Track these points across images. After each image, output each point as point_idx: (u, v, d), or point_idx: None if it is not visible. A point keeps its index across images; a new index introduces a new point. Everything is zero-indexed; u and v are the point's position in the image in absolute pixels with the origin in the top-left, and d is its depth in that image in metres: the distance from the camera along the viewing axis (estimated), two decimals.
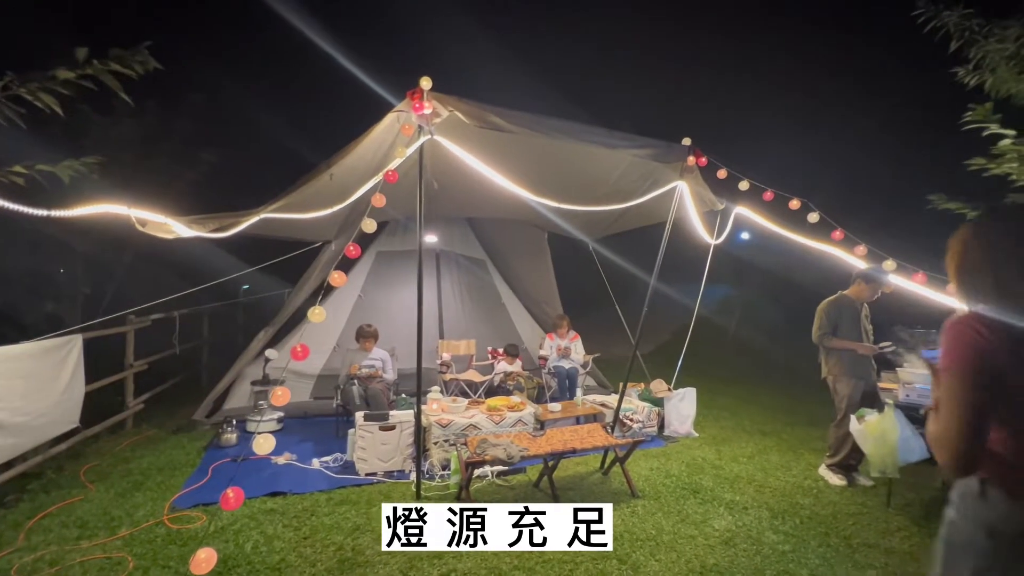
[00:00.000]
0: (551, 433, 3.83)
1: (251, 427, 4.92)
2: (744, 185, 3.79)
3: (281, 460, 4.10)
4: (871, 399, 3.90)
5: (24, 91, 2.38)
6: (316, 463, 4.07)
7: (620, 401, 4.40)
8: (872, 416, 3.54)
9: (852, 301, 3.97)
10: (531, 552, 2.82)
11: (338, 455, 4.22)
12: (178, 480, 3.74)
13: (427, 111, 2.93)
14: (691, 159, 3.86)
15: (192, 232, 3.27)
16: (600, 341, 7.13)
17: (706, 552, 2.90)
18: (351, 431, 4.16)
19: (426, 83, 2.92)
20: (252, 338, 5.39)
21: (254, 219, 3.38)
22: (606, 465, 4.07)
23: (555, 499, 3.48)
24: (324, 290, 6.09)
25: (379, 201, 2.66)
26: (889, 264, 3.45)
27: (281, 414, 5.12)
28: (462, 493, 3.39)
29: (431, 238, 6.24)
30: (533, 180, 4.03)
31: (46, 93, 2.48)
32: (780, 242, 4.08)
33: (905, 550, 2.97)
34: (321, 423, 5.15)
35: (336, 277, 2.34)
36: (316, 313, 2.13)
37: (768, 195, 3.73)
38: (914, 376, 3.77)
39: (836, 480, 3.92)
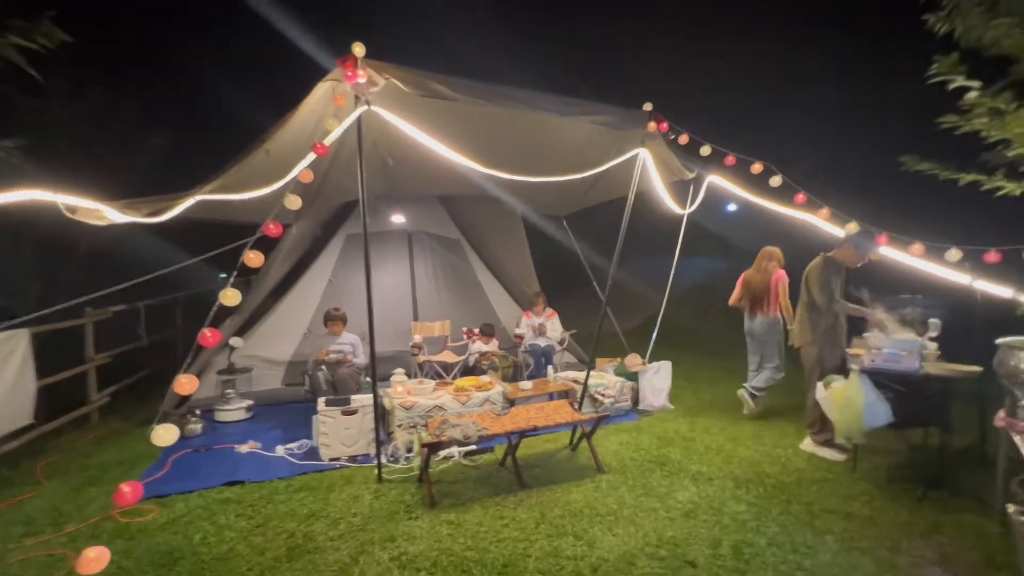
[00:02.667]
0: (515, 411, 3.77)
1: (219, 416, 4.86)
2: (706, 150, 3.65)
3: (244, 449, 4.05)
4: (843, 366, 3.84)
5: None
6: (280, 450, 4.00)
7: (587, 377, 4.34)
8: (839, 382, 3.49)
9: (838, 265, 3.86)
10: (485, 532, 2.79)
11: (304, 441, 4.16)
12: (137, 473, 3.67)
13: (361, 80, 2.76)
14: (652, 125, 3.70)
15: (126, 217, 3.12)
16: (583, 317, 7.06)
17: (665, 524, 2.87)
18: (315, 416, 4.09)
19: (359, 49, 2.75)
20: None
21: (190, 201, 3.23)
22: (574, 441, 4.03)
23: (518, 477, 3.43)
24: (292, 275, 5.99)
25: (306, 177, 2.51)
26: (852, 226, 3.35)
27: (250, 402, 5.06)
28: (422, 475, 3.34)
29: (399, 218, 6.09)
30: (491, 153, 3.86)
31: None
32: (763, 212, 3.96)
33: (866, 514, 2.95)
34: (291, 410, 5.08)
35: (252, 257, 2.22)
36: (228, 295, 2.01)
37: (730, 159, 3.60)
38: (882, 341, 3.71)
39: (838, 455, 3.74)
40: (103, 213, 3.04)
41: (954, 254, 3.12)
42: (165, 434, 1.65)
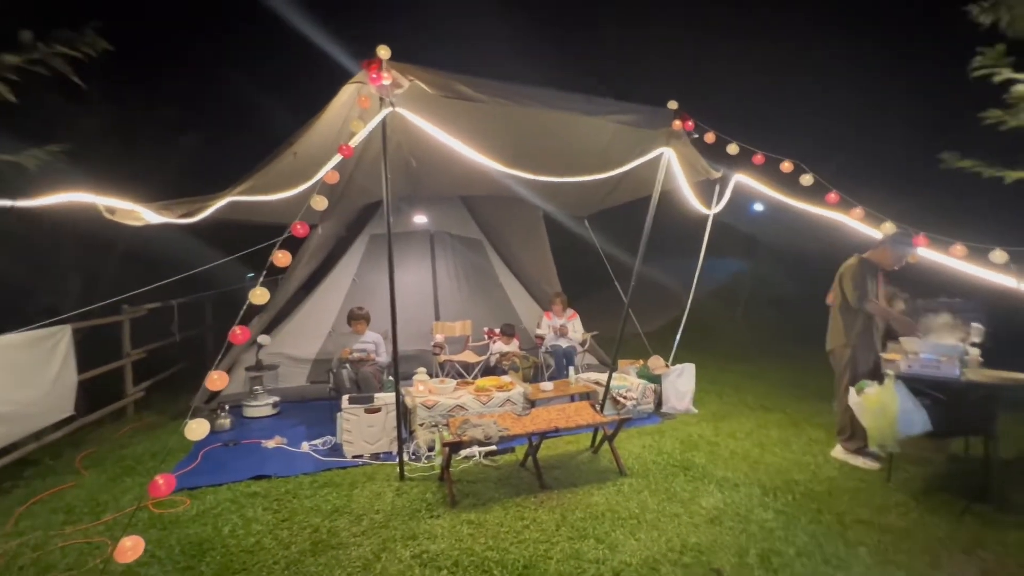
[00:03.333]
0: (536, 412, 3.76)
1: (247, 412, 4.99)
2: (733, 149, 3.57)
3: (271, 444, 4.14)
4: (876, 370, 3.70)
5: None
6: (305, 446, 4.08)
7: (609, 379, 4.29)
8: (872, 388, 3.37)
9: (874, 266, 3.73)
10: (506, 532, 2.78)
11: (328, 438, 4.23)
12: (170, 465, 3.79)
13: (386, 82, 2.79)
14: (677, 123, 3.64)
15: (161, 218, 3.24)
16: (605, 319, 6.99)
17: (689, 530, 2.81)
18: (339, 414, 4.16)
19: (384, 52, 2.79)
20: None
21: (221, 203, 3.32)
22: (595, 444, 3.99)
23: (539, 478, 3.42)
24: (317, 274, 6.11)
25: (332, 178, 2.56)
26: (887, 227, 3.22)
27: (277, 399, 5.17)
28: (443, 474, 3.36)
29: (421, 218, 6.15)
30: (515, 153, 3.86)
31: None
32: (791, 212, 3.85)
33: (901, 527, 2.83)
34: (317, 407, 5.18)
35: (280, 257, 2.27)
36: (258, 294, 2.06)
37: (758, 158, 3.51)
38: (919, 346, 3.56)
39: (871, 464, 3.62)
40: (140, 214, 3.16)
41: (999, 255, 2.97)
42: (197, 428, 1.71)
